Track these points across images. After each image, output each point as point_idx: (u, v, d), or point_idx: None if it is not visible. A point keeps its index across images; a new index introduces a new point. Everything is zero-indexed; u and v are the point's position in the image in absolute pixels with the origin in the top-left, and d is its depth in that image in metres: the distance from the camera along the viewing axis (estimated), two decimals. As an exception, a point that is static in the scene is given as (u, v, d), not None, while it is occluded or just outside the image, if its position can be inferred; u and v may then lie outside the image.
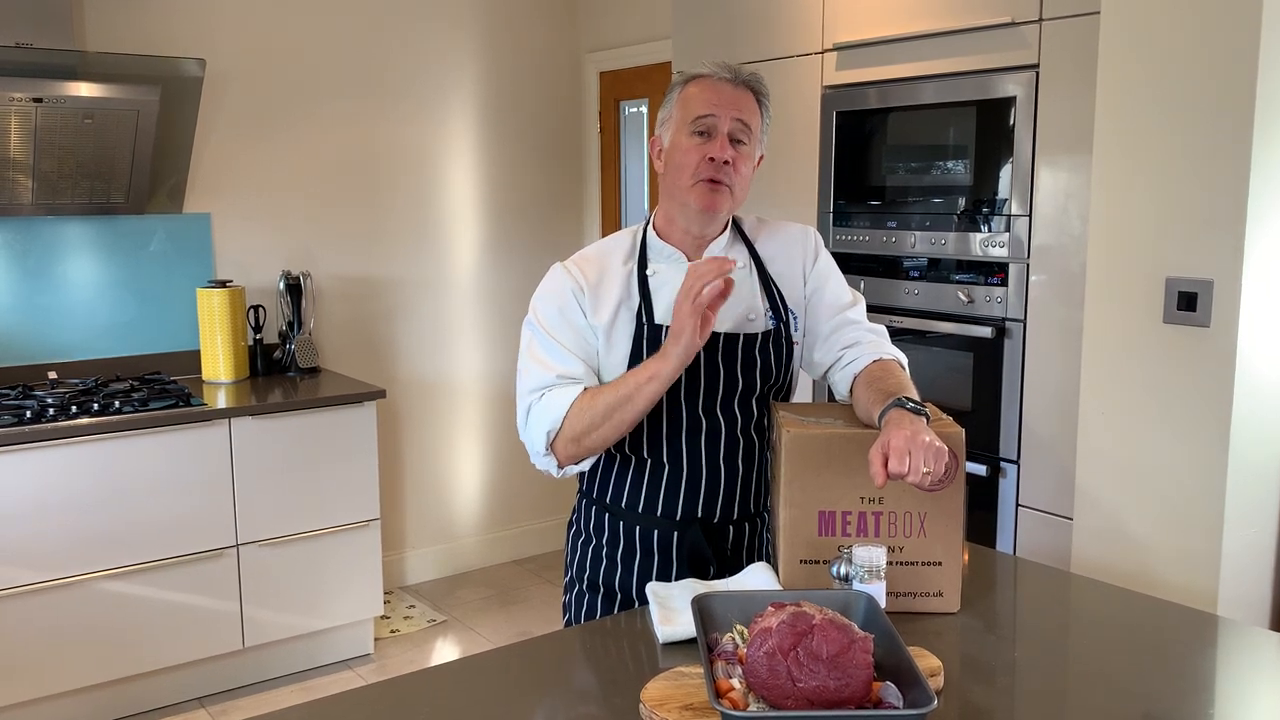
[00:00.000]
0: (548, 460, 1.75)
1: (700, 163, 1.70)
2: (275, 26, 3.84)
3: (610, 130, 4.57)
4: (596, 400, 1.68)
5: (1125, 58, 2.23)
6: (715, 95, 1.71)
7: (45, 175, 3.24)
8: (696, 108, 1.71)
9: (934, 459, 1.46)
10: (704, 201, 1.72)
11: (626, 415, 1.67)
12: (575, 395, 1.70)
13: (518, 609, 4.14)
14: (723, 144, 1.70)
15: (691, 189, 1.72)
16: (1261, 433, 2.18)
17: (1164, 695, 1.39)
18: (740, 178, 1.73)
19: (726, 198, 1.72)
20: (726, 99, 1.71)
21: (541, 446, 1.73)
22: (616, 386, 1.67)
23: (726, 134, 1.70)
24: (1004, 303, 2.75)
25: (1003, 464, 2.77)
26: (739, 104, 1.71)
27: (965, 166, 2.81)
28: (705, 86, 1.72)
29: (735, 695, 1.23)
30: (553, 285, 1.79)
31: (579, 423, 1.69)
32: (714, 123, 1.70)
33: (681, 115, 1.73)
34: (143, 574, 3.18)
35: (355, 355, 4.13)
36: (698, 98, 1.72)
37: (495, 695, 1.42)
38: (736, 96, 1.72)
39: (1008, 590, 1.82)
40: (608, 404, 1.67)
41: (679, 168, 1.73)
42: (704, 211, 1.73)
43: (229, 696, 3.41)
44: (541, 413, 1.72)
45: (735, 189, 1.73)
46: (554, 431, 1.71)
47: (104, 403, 3.17)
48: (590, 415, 1.68)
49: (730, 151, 1.70)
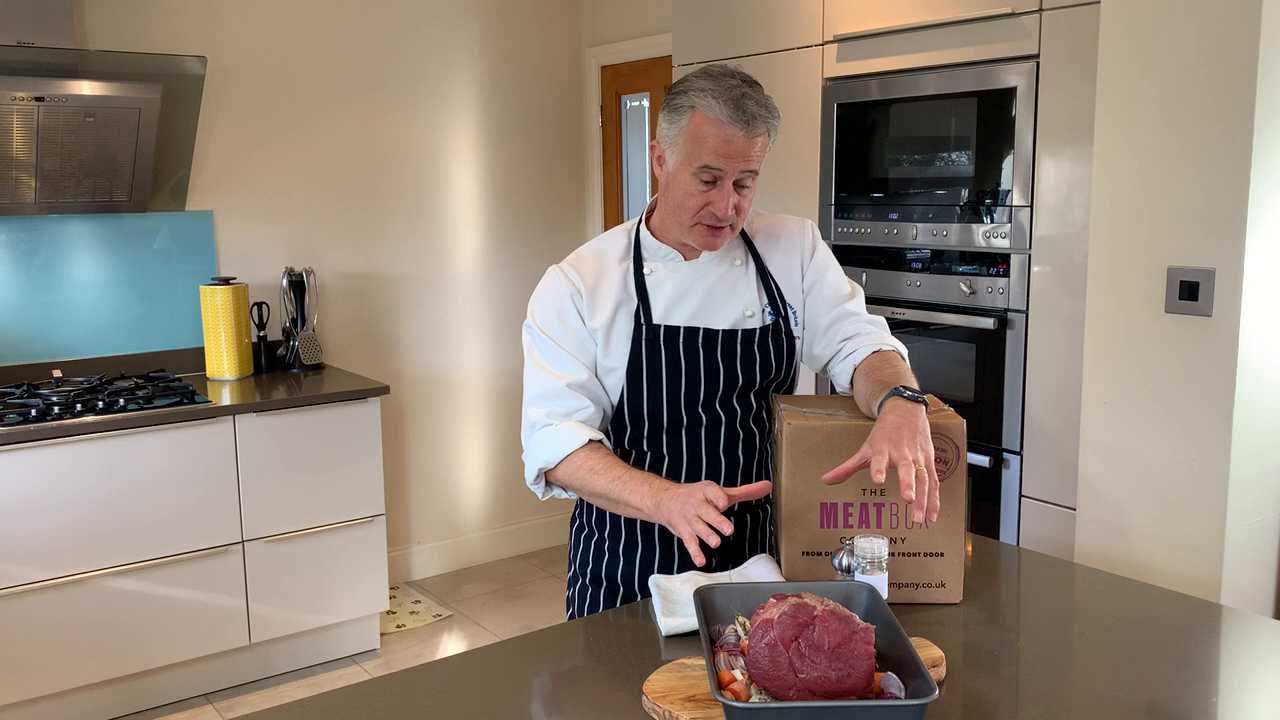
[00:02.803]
0: (537, 486, 1.79)
1: (702, 209, 1.67)
2: (276, 23, 3.85)
3: (612, 124, 4.56)
4: (592, 479, 1.67)
5: (1126, 47, 2.22)
6: (726, 148, 1.61)
7: (48, 174, 3.24)
8: (704, 155, 1.62)
9: (919, 446, 1.47)
10: (703, 242, 1.72)
11: (610, 508, 1.72)
12: (577, 445, 1.70)
13: (523, 603, 4.15)
14: (727, 196, 1.65)
15: (691, 229, 1.71)
16: (1264, 422, 2.17)
17: (1167, 684, 1.39)
18: (742, 215, 1.70)
19: (727, 235, 1.72)
20: (737, 151, 1.62)
21: (531, 476, 1.77)
22: (612, 482, 1.65)
23: (733, 183, 1.65)
24: (1006, 294, 2.75)
25: (1005, 455, 2.77)
26: (749, 153, 1.63)
27: (967, 158, 2.81)
28: (716, 133, 1.61)
29: (737, 686, 1.24)
30: (550, 290, 1.78)
31: (570, 477, 1.71)
32: (720, 175, 1.64)
33: (687, 152, 1.64)
34: (149, 571, 3.19)
35: (359, 351, 4.14)
36: (705, 145, 1.62)
37: (499, 688, 1.42)
38: (747, 146, 1.62)
39: (1010, 581, 1.82)
40: (595, 491, 1.68)
41: (679, 205, 1.69)
42: (704, 249, 1.74)
43: (236, 692, 3.42)
44: (541, 446, 1.73)
45: (736, 226, 1.72)
46: (547, 470, 1.74)
47: (108, 401, 3.18)
48: (581, 482, 1.70)
49: (734, 199, 1.66)
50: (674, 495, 1.56)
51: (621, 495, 1.63)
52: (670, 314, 1.76)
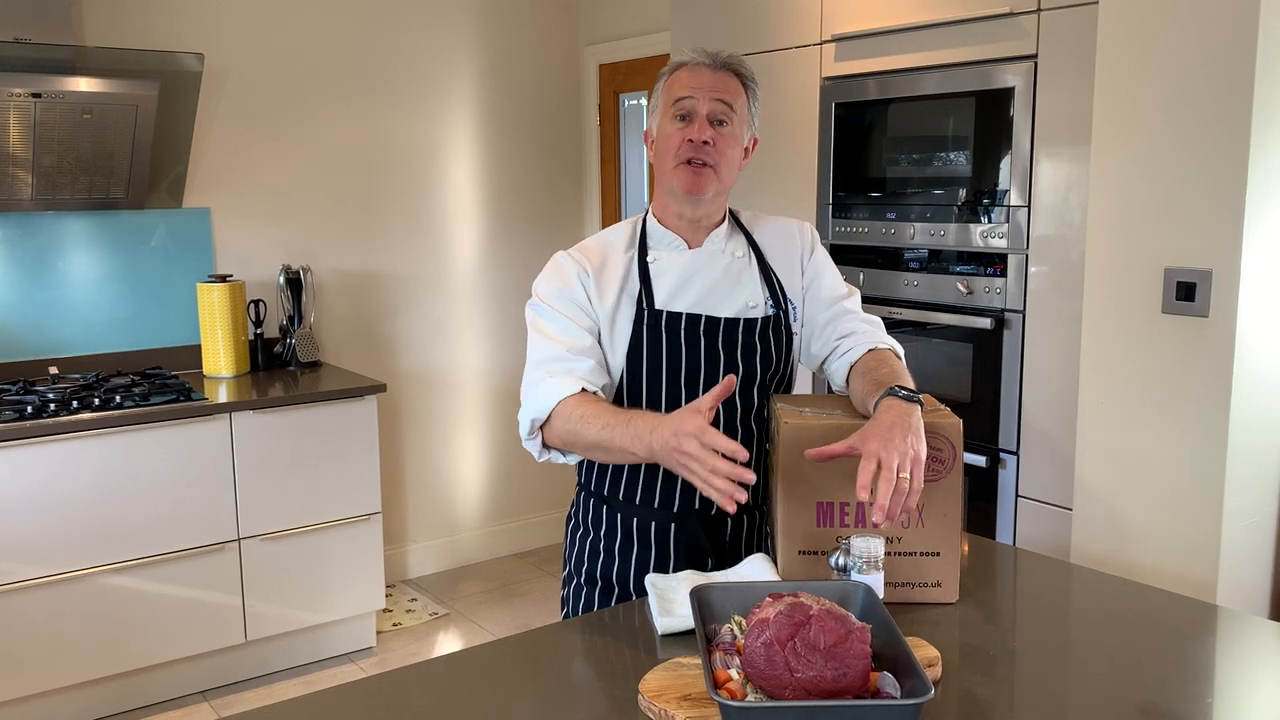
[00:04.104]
0: (532, 443, 1.75)
1: (681, 145, 1.72)
2: (274, 20, 3.84)
3: (610, 123, 4.56)
4: (583, 428, 1.62)
5: (1123, 48, 2.22)
6: (694, 79, 1.74)
7: (45, 170, 3.24)
8: (676, 91, 1.74)
9: (910, 444, 1.47)
10: (685, 182, 1.73)
11: (604, 457, 1.67)
12: (567, 393, 1.66)
13: (519, 602, 4.15)
14: (701, 125, 1.72)
15: (674, 171, 1.74)
16: (1260, 423, 2.18)
17: (1163, 684, 1.39)
18: (725, 159, 1.73)
19: (710, 178, 1.73)
20: (705, 82, 1.73)
21: (525, 430, 1.74)
22: (603, 429, 1.59)
23: (706, 115, 1.72)
24: (1003, 294, 2.75)
25: (1002, 455, 2.77)
26: (719, 86, 1.73)
27: (964, 157, 2.81)
28: (685, 71, 1.76)
29: (733, 686, 1.24)
30: (556, 269, 1.79)
31: (563, 428, 1.66)
32: (693, 105, 1.72)
33: (664, 101, 1.77)
34: (145, 569, 3.19)
35: (356, 349, 4.13)
36: (678, 82, 1.75)
37: (494, 687, 1.42)
38: (716, 79, 1.74)
39: (1007, 580, 1.82)
40: (590, 442, 1.63)
41: (663, 153, 1.76)
42: (687, 193, 1.74)
43: (231, 690, 3.42)
44: (533, 400, 1.70)
45: (720, 169, 1.73)
46: (539, 421, 1.71)
47: (105, 398, 3.18)
48: (574, 435, 1.65)
49: (710, 132, 1.72)
50: (661, 435, 1.49)
51: (615, 441, 1.57)
52: (673, 301, 1.76)
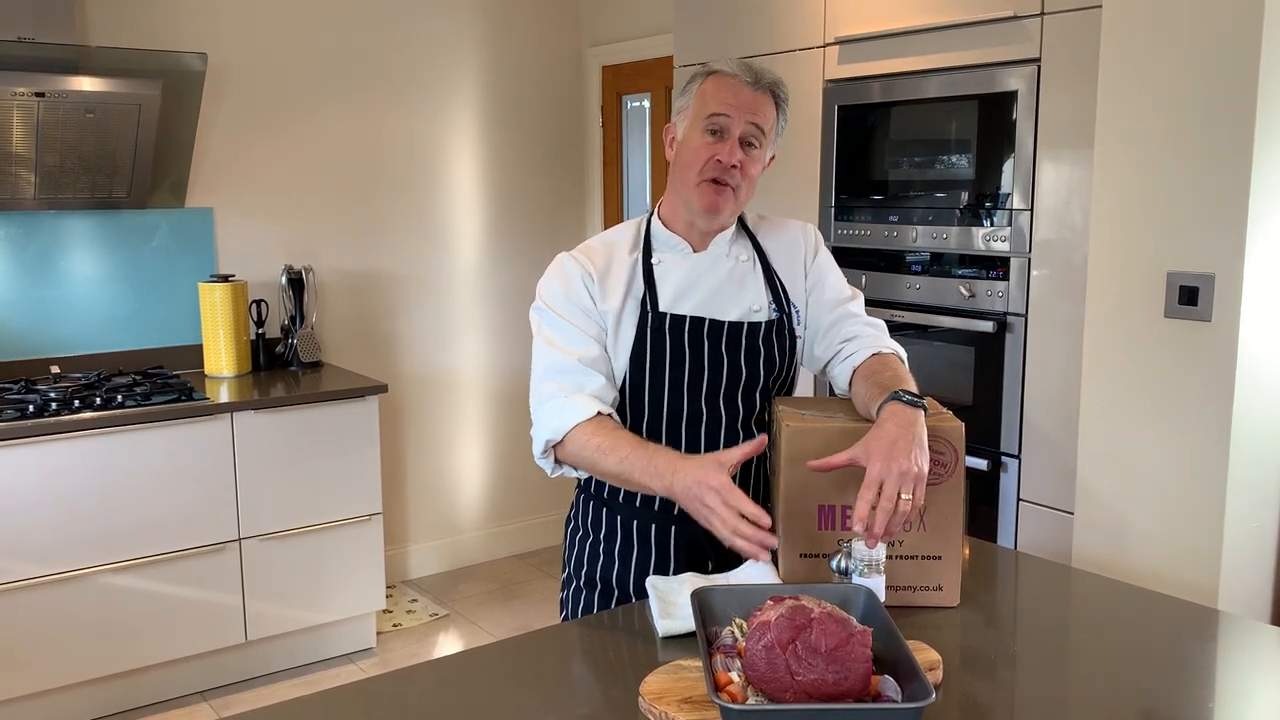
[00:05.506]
0: (545, 461, 1.75)
1: (708, 162, 1.70)
2: (277, 21, 3.84)
3: (612, 125, 4.56)
4: (600, 459, 1.64)
5: (1127, 51, 2.22)
6: (733, 96, 1.69)
7: (47, 170, 3.24)
8: (712, 105, 1.70)
9: (914, 460, 1.47)
10: (706, 202, 1.72)
11: (621, 485, 1.70)
12: (583, 417, 1.67)
13: (520, 603, 4.15)
14: (732, 147, 1.69)
15: (696, 187, 1.72)
16: (1263, 427, 2.17)
17: (1164, 689, 1.39)
18: (747, 180, 1.73)
19: (730, 200, 1.72)
20: (744, 101, 1.69)
21: (539, 449, 1.74)
22: (620, 463, 1.61)
23: (739, 136, 1.70)
24: (1005, 297, 2.74)
25: (1004, 458, 2.77)
26: (756, 107, 1.70)
27: (967, 161, 2.81)
28: (724, 85, 1.71)
29: (734, 688, 1.24)
30: (560, 272, 1.78)
31: (577, 454, 1.68)
32: (727, 123, 1.69)
33: (697, 110, 1.72)
34: (145, 568, 3.19)
35: (357, 350, 4.13)
36: (715, 95, 1.70)
37: (495, 688, 1.42)
38: (755, 100, 1.70)
39: (1008, 584, 1.82)
40: (606, 472, 1.65)
41: (687, 164, 1.73)
42: (705, 212, 1.73)
43: (231, 690, 3.42)
44: (548, 418, 1.70)
45: (740, 192, 1.73)
46: (554, 442, 1.71)
47: (106, 397, 3.18)
48: (589, 462, 1.66)
49: (740, 155, 1.69)
50: (683, 480, 1.52)
51: (633, 476, 1.60)
52: (677, 303, 1.76)
